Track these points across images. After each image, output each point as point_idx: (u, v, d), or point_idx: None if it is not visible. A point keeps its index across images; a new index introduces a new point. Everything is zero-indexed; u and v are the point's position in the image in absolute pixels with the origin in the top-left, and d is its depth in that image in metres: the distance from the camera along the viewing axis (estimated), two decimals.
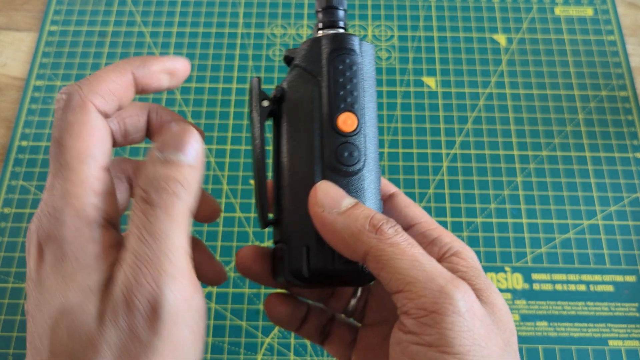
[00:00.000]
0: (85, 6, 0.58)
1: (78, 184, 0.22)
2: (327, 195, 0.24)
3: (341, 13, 0.28)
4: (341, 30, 0.28)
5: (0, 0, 0.59)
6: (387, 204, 0.29)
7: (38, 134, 0.52)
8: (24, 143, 0.52)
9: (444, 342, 0.20)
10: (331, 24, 0.28)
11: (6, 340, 0.44)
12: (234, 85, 0.54)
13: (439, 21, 0.58)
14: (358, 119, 0.26)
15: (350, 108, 0.26)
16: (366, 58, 0.27)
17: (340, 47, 0.27)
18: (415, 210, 0.28)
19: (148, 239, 0.20)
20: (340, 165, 0.26)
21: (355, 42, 0.27)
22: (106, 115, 0.24)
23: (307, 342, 0.44)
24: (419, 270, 0.22)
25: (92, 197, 0.22)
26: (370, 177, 0.26)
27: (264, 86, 0.28)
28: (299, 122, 0.27)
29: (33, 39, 0.57)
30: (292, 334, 0.45)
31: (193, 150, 0.23)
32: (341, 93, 0.26)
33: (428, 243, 0.26)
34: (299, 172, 0.26)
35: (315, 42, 0.27)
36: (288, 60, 0.29)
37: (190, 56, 0.56)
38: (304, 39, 0.31)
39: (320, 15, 0.28)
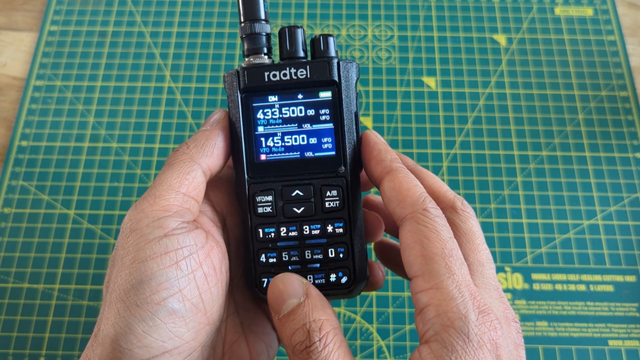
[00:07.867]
0: (85, 6, 0.58)
1: None
2: (272, 295, 0.25)
3: (263, 39, 0.28)
4: (265, 58, 0.28)
5: (1, 0, 0.59)
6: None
7: (38, 134, 0.52)
8: (24, 143, 0.52)
9: None
10: (255, 51, 0.28)
11: (6, 340, 0.44)
12: None
13: (439, 21, 0.58)
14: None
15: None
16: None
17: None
18: (413, 253, 0.23)
19: None
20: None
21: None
22: None
23: None
24: None
25: None
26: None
27: None
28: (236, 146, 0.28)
29: (33, 39, 0.57)
30: None
31: None
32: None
33: (417, 312, 0.23)
34: (237, 190, 0.29)
35: (233, 77, 0.28)
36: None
37: (190, 56, 0.56)
38: None
39: (244, 43, 0.28)
